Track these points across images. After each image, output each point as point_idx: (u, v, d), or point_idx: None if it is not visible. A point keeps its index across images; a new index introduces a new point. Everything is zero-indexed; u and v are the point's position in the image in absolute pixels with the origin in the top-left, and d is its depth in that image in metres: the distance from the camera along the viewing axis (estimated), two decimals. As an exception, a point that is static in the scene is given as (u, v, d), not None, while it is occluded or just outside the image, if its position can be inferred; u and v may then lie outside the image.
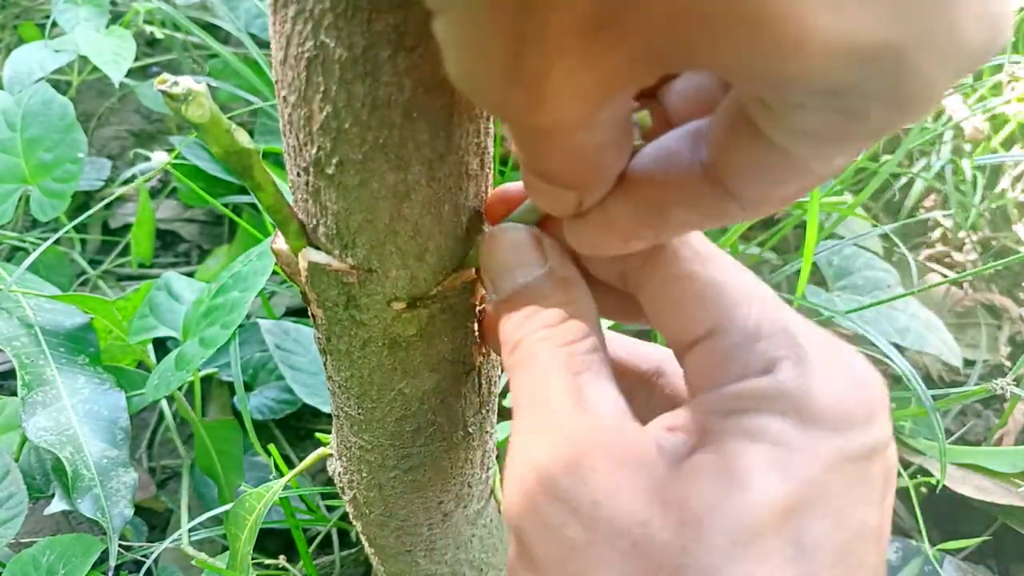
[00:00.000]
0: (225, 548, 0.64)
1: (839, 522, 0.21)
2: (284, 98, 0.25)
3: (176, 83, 0.23)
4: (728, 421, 0.22)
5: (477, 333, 0.32)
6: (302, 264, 0.28)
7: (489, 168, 0.28)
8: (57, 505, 0.57)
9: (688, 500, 0.21)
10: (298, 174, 0.26)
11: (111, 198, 0.77)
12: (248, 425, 0.64)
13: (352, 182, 0.25)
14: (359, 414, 0.34)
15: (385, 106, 0.23)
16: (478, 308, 0.31)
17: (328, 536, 0.68)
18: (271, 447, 0.55)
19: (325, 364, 0.34)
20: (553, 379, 0.24)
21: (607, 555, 0.21)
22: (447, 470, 0.38)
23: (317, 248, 0.28)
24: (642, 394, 0.30)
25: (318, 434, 0.47)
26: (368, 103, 0.23)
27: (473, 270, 0.29)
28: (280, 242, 0.29)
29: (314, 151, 0.25)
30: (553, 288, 0.26)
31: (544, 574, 0.22)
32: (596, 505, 0.21)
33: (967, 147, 0.91)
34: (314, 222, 0.27)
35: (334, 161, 0.25)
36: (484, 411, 0.37)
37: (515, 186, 0.28)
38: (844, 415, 0.22)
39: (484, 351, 0.33)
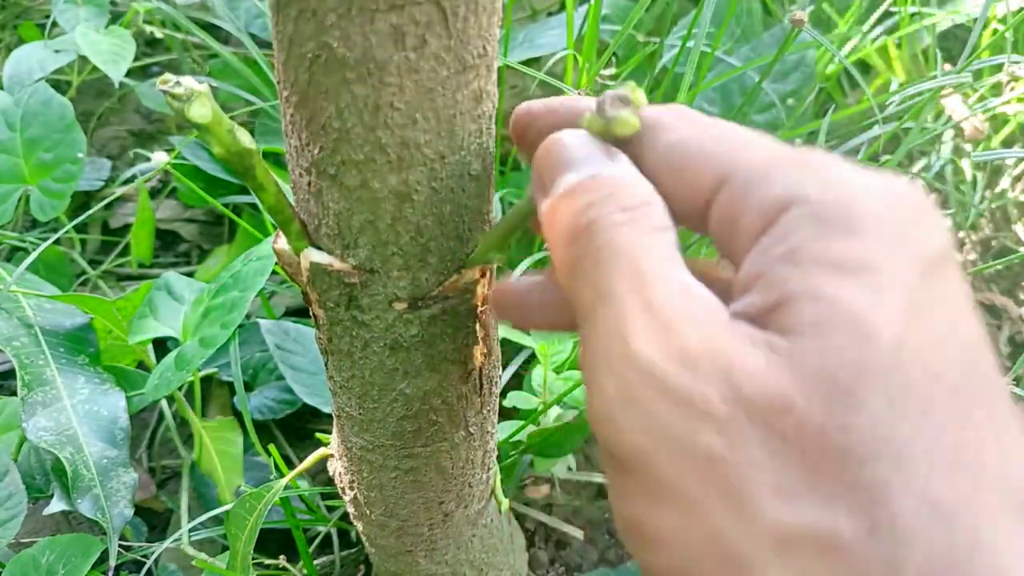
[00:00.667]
0: (225, 548, 0.64)
1: (956, 337, 0.18)
2: (286, 98, 0.25)
3: (178, 83, 0.23)
4: (786, 272, 0.19)
5: (479, 333, 0.32)
6: (304, 264, 0.28)
7: (491, 169, 0.28)
8: (57, 505, 0.57)
9: (825, 371, 0.17)
10: (300, 174, 0.26)
11: (111, 198, 0.77)
12: (248, 425, 0.63)
13: (354, 183, 0.25)
14: (360, 414, 0.34)
15: (387, 107, 0.23)
16: (479, 309, 0.31)
17: (328, 536, 0.68)
18: (271, 447, 0.55)
19: (326, 364, 0.34)
20: (648, 264, 0.20)
21: (755, 456, 0.17)
22: (448, 470, 0.38)
23: (319, 248, 0.28)
24: None
25: (318, 434, 0.47)
26: (370, 104, 0.23)
27: (476, 271, 0.29)
28: (282, 242, 0.29)
29: (316, 151, 0.25)
30: (625, 178, 0.22)
31: (678, 498, 0.18)
32: (731, 402, 0.18)
33: (967, 147, 0.91)
34: (316, 222, 0.27)
35: (336, 161, 0.25)
36: (485, 411, 0.37)
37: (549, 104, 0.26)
38: (902, 220, 0.19)
39: (485, 351, 0.33)
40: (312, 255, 0.28)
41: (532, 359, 0.66)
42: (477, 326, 0.32)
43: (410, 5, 0.21)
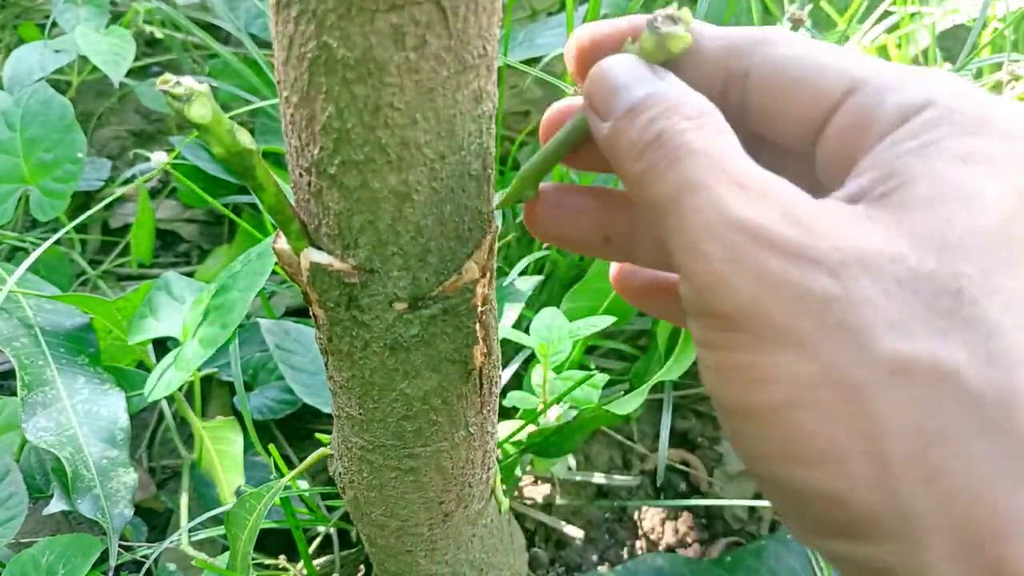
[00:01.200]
0: (225, 548, 0.64)
1: None
2: (286, 98, 0.25)
3: (178, 83, 0.23)
4: (912, 161, 0.20)
5: (479, 333, 0.32)
6: (304, 264, 0.28)
7: (491, 169, 0.28)
8: (57, 505, 0.57)
9: (935, 232, 0.19)
10: (300, 174, 0.26)
11: (111, 198, 0.76)
12: (248, 425, 0.63)
13: (354, 183, 0.25)
14: (360, 414, 0.34)
15: (387, 107, 0.23)
16: (479, 309, 0.31)
17: (328, 536, 0.68)
18: (271, 447, 0.55)
19: (326, 364, 0.34)
20: (725, 160, 0.21)
21: (870, 296, 0.19)
22: (448, 470, 0.38)
23: (319, 248, 0.28)
24: None
25: (318, 434, 0.47)
26: (370, 104, 0.23)
27: (476, 270, 0.29)
28: (282, 242, 0.29)
29: (316, 151, 0.25)
30: (681, 93, 0.23)
31: (791, 338, 0.20)
32: (839, 250, 0.19)
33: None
34: (316, 222, 0.27)
35: (336, 162, 0.25)
36: (485, 411, 0.37)
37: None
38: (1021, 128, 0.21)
39: (485, 351, 0.33)
40: (312, 255, 0.28)
41: (532, 359, 0.66)
42: (477, 326, 0.32)
43: (410, 5, 0.21)
